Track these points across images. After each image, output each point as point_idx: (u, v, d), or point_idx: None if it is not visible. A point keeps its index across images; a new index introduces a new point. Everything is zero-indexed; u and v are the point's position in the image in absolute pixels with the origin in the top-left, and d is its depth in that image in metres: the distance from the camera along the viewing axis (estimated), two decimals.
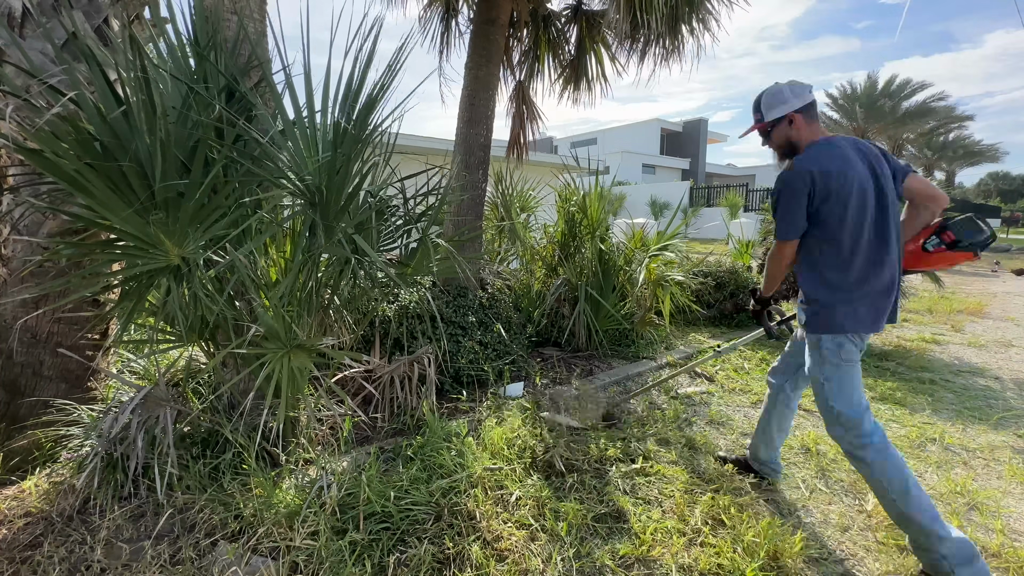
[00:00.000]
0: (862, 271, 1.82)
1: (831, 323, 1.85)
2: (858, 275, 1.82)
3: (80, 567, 1.67)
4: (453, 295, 3.59)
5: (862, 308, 1.82)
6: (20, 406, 2.27)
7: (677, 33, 4.06)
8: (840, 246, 1.82)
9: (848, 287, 1.82)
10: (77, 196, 1.72)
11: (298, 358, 2.09)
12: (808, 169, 1.81)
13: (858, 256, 1.81)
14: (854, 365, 1.85)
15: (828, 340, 1.86)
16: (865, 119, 22.88)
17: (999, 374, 4.13)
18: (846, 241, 1.81)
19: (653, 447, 2.62)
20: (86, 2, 2.30)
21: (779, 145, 2.00)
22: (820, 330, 1.88)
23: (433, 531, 1.89)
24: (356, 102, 2.16)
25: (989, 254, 15.76)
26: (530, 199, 5.61)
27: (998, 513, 2.16)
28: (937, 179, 32.05)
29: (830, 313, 1.85)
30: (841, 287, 1.83)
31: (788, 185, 1.85)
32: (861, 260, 1.82)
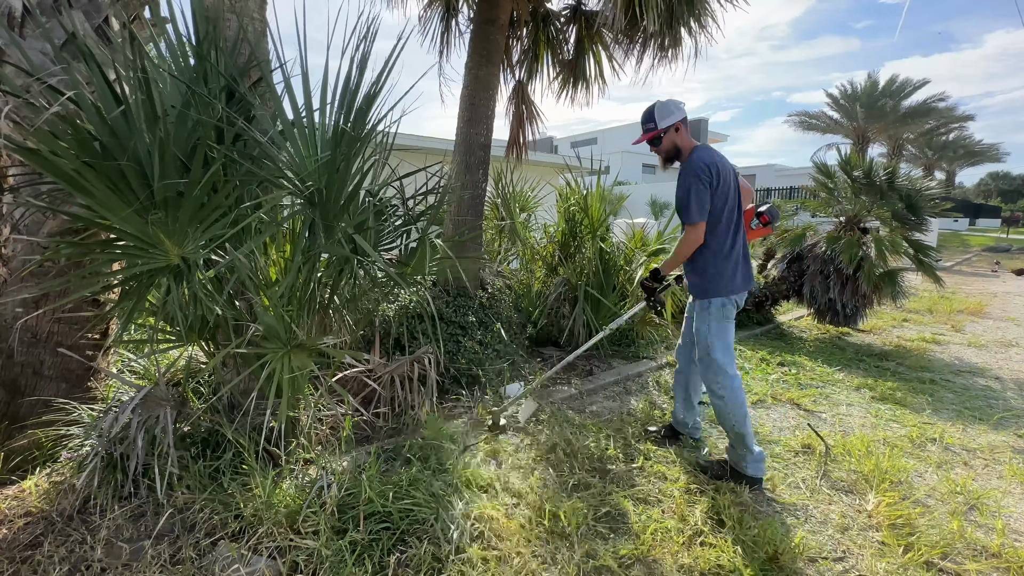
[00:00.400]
0: (734, 246, 2.36)
1: (719, 288, 2.33)
2: (732, 249, 2.35)
3: (80, 567, 1.67)
4: (453, 295, 3.59)
5: (738, 275, 2.36)
6: (20, 406, 2.26)
7: (675, 33, 4.06)
8: (722, 226, 2.32)
9: (728, 259, 2.34)
10: (77, 196, 1.71)
11: (298, 358, 2.09)
12: (707, 162, 2.29)
13: (730, 234, 2.35)
14: (731, 322, 2.38)
15: (717, 302, 2.35)
16: (865, 119, 22.86)
17: (999, 374, 4.13)
18: (724, 222, 2.32)
19: (653, 447, 2.62)
20: (86, 2, 2.30)
21: (667, 150, 2.43)
22: (711, 295, 2.35)
23: (433, 532, 1.89)
24: (355, 101, 2.15)
25: (989, 254, 15.74)
26: (530, 199, 5.61)
27: (998, 513, 2.15)
28: (937, 179, 31.99)
29: (719, 281, 2.33)
30: (724, 259, 2.34)
31: (697, 175, 2.27)
32: (732, 237, 2.35)
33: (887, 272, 4.67)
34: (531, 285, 4.47)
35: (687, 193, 2.28)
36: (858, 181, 5.02)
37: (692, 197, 2.27)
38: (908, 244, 4.81)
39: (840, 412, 3.23)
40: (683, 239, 2.36)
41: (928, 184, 4.96)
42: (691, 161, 2.33)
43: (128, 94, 1.76)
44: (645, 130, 2.43)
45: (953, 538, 1.94)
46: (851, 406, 3.34)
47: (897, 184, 4.85)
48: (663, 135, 2.39)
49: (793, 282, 5.17)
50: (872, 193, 4.92)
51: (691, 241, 2.33)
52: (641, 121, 2.46)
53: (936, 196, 4.89)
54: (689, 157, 2.36)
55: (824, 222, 5.48)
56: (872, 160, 5.05)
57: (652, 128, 2.40)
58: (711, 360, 2.33)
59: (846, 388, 3.68)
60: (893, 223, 4.84)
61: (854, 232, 4.92)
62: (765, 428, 2.94)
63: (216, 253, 1.99)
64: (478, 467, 2.32)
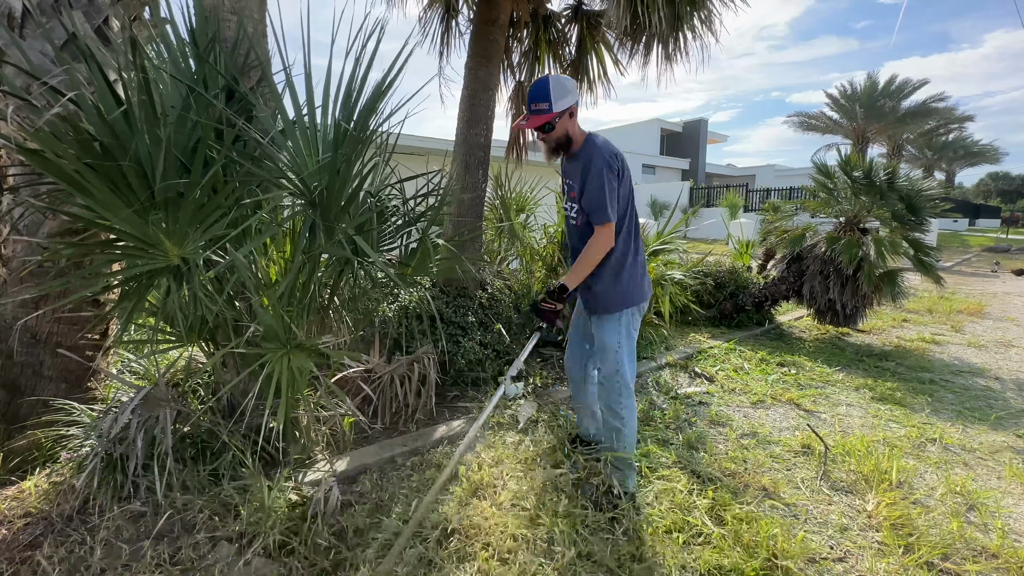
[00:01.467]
0: (638, 247, 2.11)
1: (632, 297, 2.06)
2: (638, 251, 2.11)
3: (80, 568, 1.67)
4: (453, 295, 3.59)
5: (645, 280, 2.14)
6: (20, 406, 2.26)
7: (679, 33, 4.06)
8: (630, 225, 2.06)
9: (636, 262, 2.09)
10: (77, 196, 1.71)
11: (298, 358, 2.09)
12: (613, 151, 1.98)
13: (634, 233, 2.09)
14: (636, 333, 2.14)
15: (628, 313, 2.07)
16: (865, 119, 22.86)
17: (999, 374, 4.13)
18: (629, 222, 2.05)
19: (653, 447, 2.62)
20: (86, 2, 2.30)
21: (558, 138, 2.02)
22: (623, 306, 2.06)
23: (435, 535, 1.89)
24: (357, 103, 2.16)
25: (989, 254, 15.75)
26: (530, 199, 5.61)
27: (998, 513, 2.16)
28: (937, 179, 32.02)
29: (632, 289, 2.06)
30: (634, 263, 2.07)
31: (608, 166, 1.94)
32: (637, 236, 2.10)
33: (887, 272, 4.67)
34: (531, 285, 4.47)
35: (600, 187, 1.91)
36: (858, 181, 5.02)
37: (606, 192, 1.91)
38: (908, 244, 4.81)
39: (840, 412, 3.23)
40: (595, 243, 1.97)
41: (928, 184, 4.96)
42: (598, 149, 1.97)
43: (128, 95, 1.76)
44: (536, 111, 1.96)
45: (953, 538, 1.94)
46: (851, 406, 3.34)
47: (897, 184, 4.85)
48: (557, 120, 1.96)
49: (793, 282, 5.17)
50: (872, 193, 4.92)
51: (604, 245, 1.97)
52: (530, 99, 1.98)
53: (936, 196, 4.89)
54: (591, 145, 2.00)
55: (824, 222, 5.48)
56: (872, 160, 5.05)
57: (546, 110, 1.94)
58: (620, 378, 2.06)
59: (846, 388, 3.68)
60: (893, 223, 4.85)
61: (854, 232, 4.92)
62: (765, 428, 2.94)
63: (216, 253, 1.99)
64: (478, 469, 2.32)
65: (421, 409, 2.91)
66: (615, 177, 1.95)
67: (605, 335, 2.09)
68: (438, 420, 2.88)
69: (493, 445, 2.60)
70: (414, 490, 2.18)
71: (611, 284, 2.06)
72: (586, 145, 2.02)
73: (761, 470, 2.45)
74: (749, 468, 2.46)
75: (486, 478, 2.26)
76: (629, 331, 2.08)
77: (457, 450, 2.13)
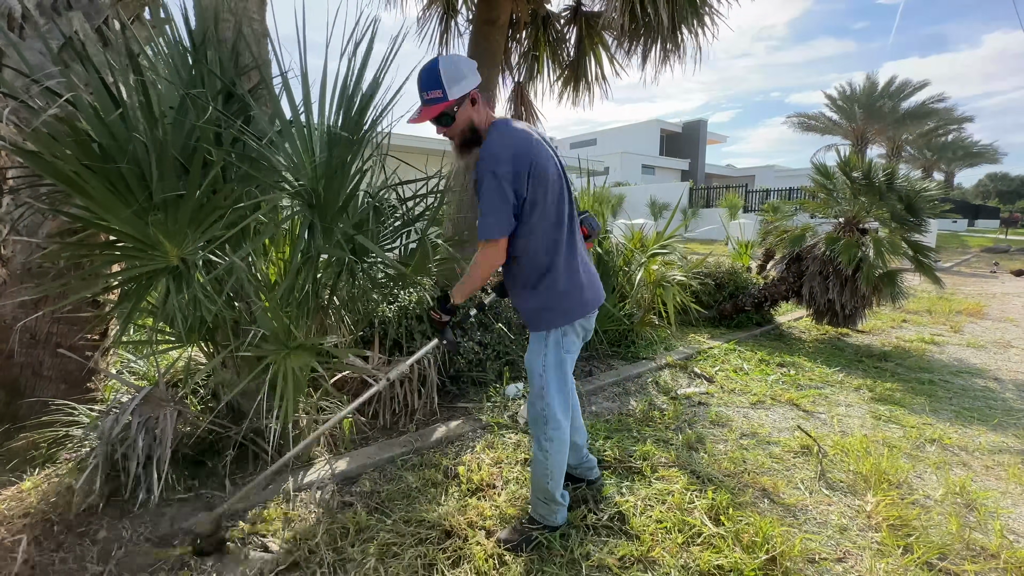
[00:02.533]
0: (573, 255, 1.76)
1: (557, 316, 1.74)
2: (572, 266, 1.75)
3: (79, 568, 1.67)
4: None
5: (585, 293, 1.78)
6: (20, 406, 2.26)
7: (678, 33, 4.06)
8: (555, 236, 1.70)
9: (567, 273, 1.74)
10: (76, 197, 1.72)
11: (298, 359, 2.09)
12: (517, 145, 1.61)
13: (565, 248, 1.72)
14: (572, 355, 1.82)
15: (556, 333, 1.76)
16: (864, 120, 22.89)
17: (998, 375, 4.14)
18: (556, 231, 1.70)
19: (652, 447, 2.63)
20: (86, 3, 2.30)
21: (462, 130, 1.68)
22: (546, 325, 1.76)
23: (436, 536, 1.89)
24: (353, 103, 2.16)
25: (988, 255, 15.75)
26: None
27: (997, 514, 2.16)
28: (936, 180, 32.01)
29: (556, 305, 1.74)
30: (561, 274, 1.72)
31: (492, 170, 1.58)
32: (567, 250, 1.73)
33: (886, 273, 4.67)
34: None
35: (483, 193, 1.59)
36: (857, 182, 5.02)
37: (489, 201, 1.58)
38: (907, 245, 4.81)
39: (839, 413, 3.23)
40: (477, 259, 1.68)
41: (927, 185, 4.97)
42: (490, 145, 1.63)
43: (127, 96, 1.76)
44: (429, 101, 1.61)
45: (952, 539, 1.95)
46: (850, 407, 3.34)
47: (896, 185, 4.86)
48: (456, 109, 1.63)
49: (792, 283, 5.18)
50: (871, 194, 4.93)
51: (489, 262, 1.67)
52: (419, 87, 1.63)
53: (935, 197, 4.89)
54: (487, 139, 1.65)
55: (823, 223, 5.49)
56: (871, 161, 5.06)
57: (440, 99, 1.60)
58: (545, 405, 1.77)
59: (845, 389, 3.68)
60: (892, 224, 4.85)
61: (853, 233, 4.93)
62: (764, 429, 2.94)
63: (215, 254, 1.99)
64: (478, 468, 2.32)
65: (421, 409, 2.91)
66: (506, 182, 1.58)
67: (529, 355, 1.81)
68: (438, 420, 2.88)
69: (493, 445, 2.60)
70: (414, 490, 2.18)
71: (531, 300, 1.76)
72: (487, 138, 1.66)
73: (760, 470, 2.45)
74: (748, 468, 2.46)
75: (486, 478, 2.26)
76: (558, 353, 1.77)
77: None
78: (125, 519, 1.90)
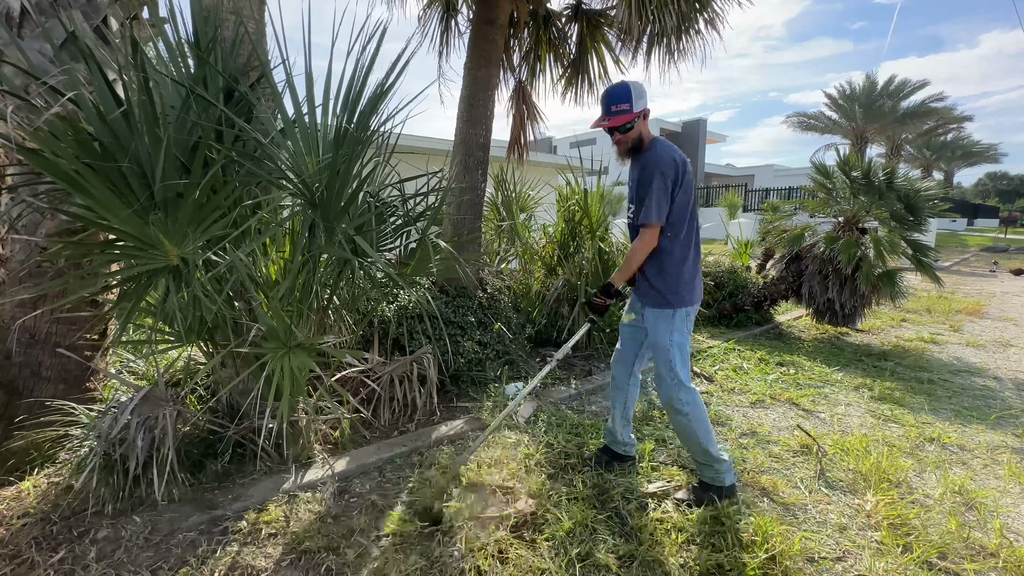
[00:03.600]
0: (696, 252, 2.15)
1: (685, 297, 2.11)
2: (697, 254, 2.15)
3: (78, 568, 1.67)
4: (452, 295, 3.59)
5: (698, 282, 2.17)
6: (19, 406, 2.26)
7: (684, 33, 4.06)
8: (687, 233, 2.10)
9: (695, 264, 2.14)
10: (76, 196, 1.71)
11: (298, 358, 2.09)
12: (674, 157, 2.05)
13: (695, 237, 2.13)
14: (690, 333, 2.19)
15: (682, 313, 2.12)
16: (864, 119, 22.87)
17: (997, 374, 4.14)
18: (688, 228, 2.10)
19: (651, 446, 2.63)
20: (85, 2, 2.29)
21: (634, 138, 2.10)
22: (676, 305, 2.11)
23: (437, 535, 1.89)
24: (357, 104, 2.15)
25: (987, 254, 15.79)
26: (529, 199, 5.61)
27: (996, 512, 2.16)
28: (936, 179, 32.00)
29: (686, 289, 2.11)
30: (692, 264, 2.13)
31: (663, 172, 2.01)
32: (695, 247, 2.14)
33: (886, 272, 4.68)
34: (530, 285, 4.47)
35: (649, 189, 2.01)
36: (856, 181, 5.03)
37: (655, 194, 2.00)
38: (906, 244, 4.82)
39: (839, 412, 3.23)
40: (640, 243, 2.07)
41: (926, 184, 4.97)
42: (657, 154, 2.05)
43: (128, 95, 1.76)
44: (617, 112, 2.03)
45: (951, 538, 1.95)
46: (850, 406, 3.34)
47: (895, 184, 4.86)
48: (636, 121, 2.05)
49: (792, 282, 5.18)
50: (871, 193, 4.93)
51: (647, 245, 2.07)
52: (610, 100, 2.04)
53: (934, 196, 4.90)
54: (652, 150, 2.08)
55: (823, 222, 5.49)
56: (870, 160, 5.06)
57: (627, 110, 2.02)
58: (673, 375, 2.09)
59: (845, 388, 3.68)
60: (891, 223, 4.85)
61: (853, 232, 4.93)
62: (764, 428, 2.94)
63: (216, 254, 1.98)
64: (477, 468, 2.32)
65: (421, 409, 2.91)
66: (669, 182, 2.02)
67: (659, 333, 2.13)
68: (438, 420, 2.88)
69: (492, 445, 2.60)
70: (414, 489, 2.18)
71: (665, 284, 2.11)
72: (648, 149, 2.11)
73: (760, 469, 2.45)
74: (748, 468, 2.46)
75: (485, 478, 2.26)
76: (682, 330, 2.13)
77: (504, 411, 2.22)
78: (125, 519, 1.90)
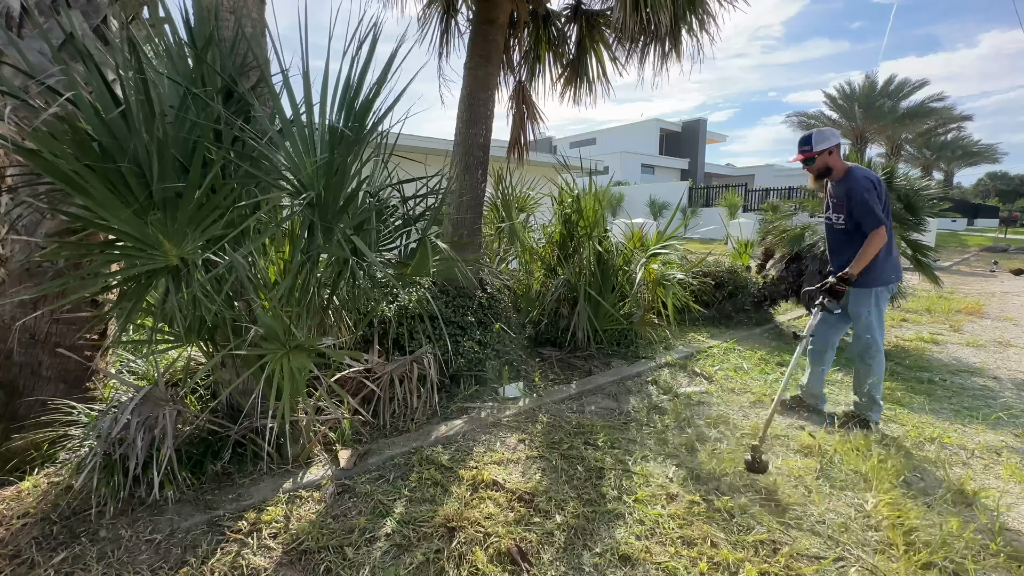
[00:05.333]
0: (891, 245, 2.85)
1: (880, 279, 2.86)
2: (891, 247, 2.85)
3: (78, 568, 1.67)
4: (452, 295, 3.58)
5: (891, 266, 2.90)
6: (19, 406, 2.26)
7: (677, 33, 4.06)
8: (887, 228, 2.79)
9: (888, 255, 2.85)
10: (75, 196, 1.71)
11: (297, 358, 2.09)
12: (871, 177, 2.84)
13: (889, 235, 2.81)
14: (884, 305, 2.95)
15: (876, 291, 2.88)
16: (864, 119, 22.87)
17: (997, 374, 4.14)
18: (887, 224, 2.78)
19: (651, 446, 2.62)
20: (84, 2, 2.29)
21: (818, 169, 2.96)
22: (875, 284, 2.87)
23: (438, 534, 1.89)
24: (354, 104, 2.15)
25: (987, 254, 15.79)
26: (529, 199, 5.61)
27: (996, 512, 2.16)
28: (935, 179, 31.94)
29: (879, 273, 2.85)
30: (887, 255, 2.85)
31: (868, 188, 2.78)
32: (890, 238, 2.81)
33: None
34: (530, 285, 4.47)
35: (865, 202, 2.75)
36: None
37: (871, 205, 2.74)
38: (906, 244, 4.81)
39: (839, 412, 3.23)
40: (871, 241, 2.78)
41: (926, 184, 4.97)
42: (856, 177, 2.81)
43: (127, 95, 1.75)
44: (801, 151, 2.94)
45: (952, 538, 1.95)
46: (850, 406, 3.33)
47: (895, 184, 4.85)
48: (816, 157, 2.90)
49: (792, 282, 5.17)
50: None
51: (879, 242, 2.75)
52: (798, 143, 2.99)
53: (934, 196, 4.90)
54: (852, 174, 2.85)
55: (823, 222, 5.48)
56: (870, 160, 5.06)
57: (808, 151, 2.92)
58: (870, 337, 2.89)
59: (845, 388, 3.68)
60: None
61: None
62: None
63: (216, 254, 1.98)
64: (479, 468, 2.32)
65: (421, 409, 2.91)
66: (876, 194, 2.78)
67: (859, 306, 2.92)
68: (438, 420, 2.88)
69: (493, 445, 2.60)
70: (414, 489, 2.18)
71: (868, 267, 2.81)
72: (847, 175, 2.89)
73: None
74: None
75: (486, 476, 2.26)
76: (879, 303, 2.89)
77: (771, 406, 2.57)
78: (125, 519, 1.90)
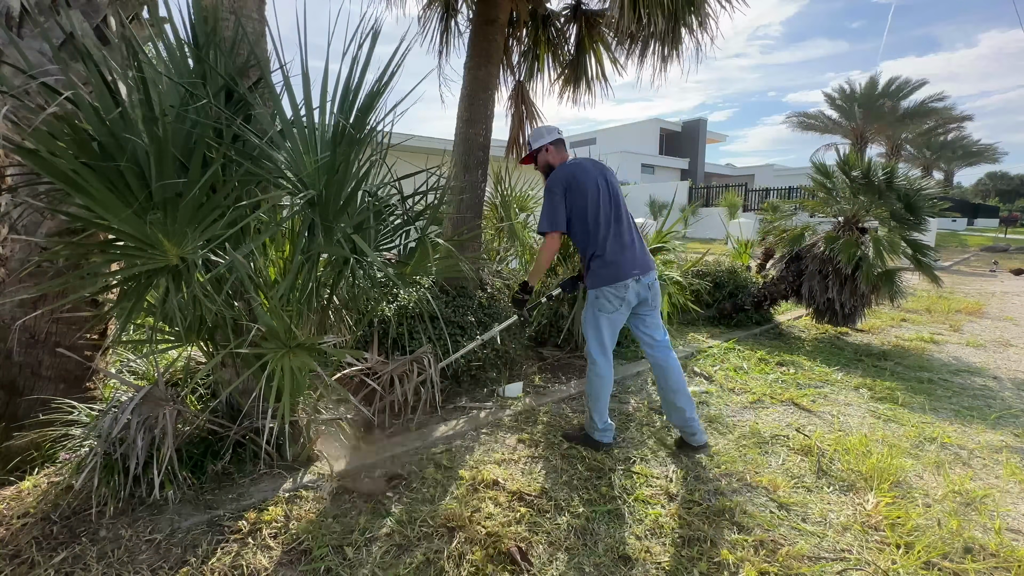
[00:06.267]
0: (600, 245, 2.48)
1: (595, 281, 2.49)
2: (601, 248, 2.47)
3: (78, 568, 1.67)
4: (452, 295, 3.58)
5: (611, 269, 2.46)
6: (19, 406, 2.26)
7: (676, 33, 4.06)
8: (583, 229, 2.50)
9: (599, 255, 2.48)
10: (75, 196, 1.71)
11: (298, 357, 2.09)
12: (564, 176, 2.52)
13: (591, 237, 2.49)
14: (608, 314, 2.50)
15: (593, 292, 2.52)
16: (864, 119, 22.86)
17: (997, 373, 4.14)
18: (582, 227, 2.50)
19: (652, 445, 2.63)
20: (84, 2, 2.29)
21: (541, 166, 2.77)
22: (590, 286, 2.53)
23: (439, 534, 1.89)
24: (355, 103, 2.15)
25: (987, 254, 15.79)
26: (529, 199, 5.61)
27: (996, 512, 2.16)
28: (936, 179, 31.94)
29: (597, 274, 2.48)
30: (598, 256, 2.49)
31: (549, 188, 2.52)
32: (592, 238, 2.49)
33: (885, 272, 4.67)
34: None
35: (544, 205, 2.54)
36: (856, 181, 5.02)
37: (545, 208, 2.52)
38: (906, 244, 4.81)
39: (839, 412, 3.23)
40: (540, 249, 2.66)
41: (926, 184, 4.96)
42: (551, 176, 2.57)
43: (126, 94, 1.75)
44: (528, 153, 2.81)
45: (952, 537, 1.95)
46: (850, 406, 3.34)
47: (895, 184, 4.85)
48: (536, 156, 2.77)
49: (792, 282, 5.18)
50: (870, 193, 4.93)
51: (548, 249, 2.58)
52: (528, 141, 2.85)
53: (934, 196, 4.89)
54: (553, 172, 2.60)
55: (823, 222, 5.49)
56: (870, 160, 5.06)
57: (530, 148, 2.79)
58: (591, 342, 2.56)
59: (845, 388, 3.68)
60: (891, 223, 4.85)
61: (853, 232, 4.93)
62: (764, 428, 2.94)
63: (216, 253, 1.98)
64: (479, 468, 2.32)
65: (421, 408, 2.91)
66: (557, 196, 2.49)
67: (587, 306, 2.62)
68: (438, 419, 2.88)
69: (493, 445, 2.60)
70: (414, 489, 2.18)
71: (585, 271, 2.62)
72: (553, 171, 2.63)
73: (760, 469, 2.45)
74: (748, 467, 2.46)
75: (486, 476, 2.26)
76: (598, 304, 2.51)
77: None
78: (125, 519, 1.90)
